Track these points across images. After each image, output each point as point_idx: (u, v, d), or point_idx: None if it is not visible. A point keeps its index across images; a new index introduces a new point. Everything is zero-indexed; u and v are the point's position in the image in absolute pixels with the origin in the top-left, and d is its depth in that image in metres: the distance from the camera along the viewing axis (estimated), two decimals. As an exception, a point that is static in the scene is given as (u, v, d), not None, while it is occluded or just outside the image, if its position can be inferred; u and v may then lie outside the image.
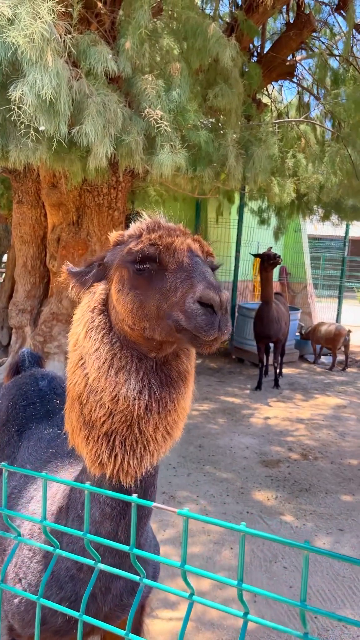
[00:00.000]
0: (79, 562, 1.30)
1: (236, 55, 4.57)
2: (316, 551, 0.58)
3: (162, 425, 1.23)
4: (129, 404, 1.20)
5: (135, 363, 1.24)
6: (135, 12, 4.08)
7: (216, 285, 1.12)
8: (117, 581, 1.37)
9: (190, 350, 1.32)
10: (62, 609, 0.75)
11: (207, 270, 1.19)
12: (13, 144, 3.78)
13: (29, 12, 3.23)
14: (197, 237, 1.33)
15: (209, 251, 1.31)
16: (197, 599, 0.68)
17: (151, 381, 1.23)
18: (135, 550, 0.68)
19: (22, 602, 1.42)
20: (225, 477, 4.63)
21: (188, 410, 1.32)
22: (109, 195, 6.12)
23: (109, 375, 1.23)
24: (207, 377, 8.32)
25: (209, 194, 6.83)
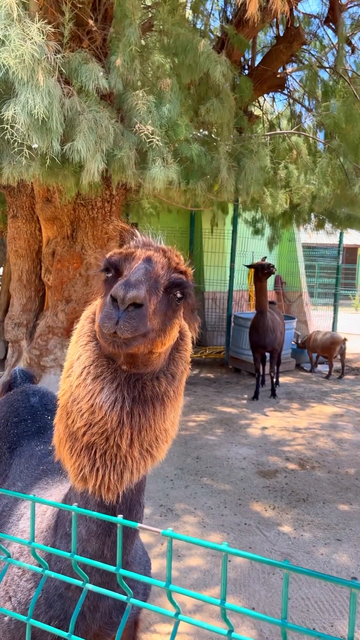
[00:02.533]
0: None
1: (227, 71, 4.63)
2: (296, 570, 0.59)
3: (137, 441, 1.22)
4: (103, 414, 1.20)
5: (111, 373, 1.24)
6: (125, 30, 4.15)
7: (132, 283, 1.11)
8: (106, 600, 1.37)
9: (176, 376, 1.31)
10: (51, 629, 0.76)
11: (147, 273, 1.18)
12: (6, 161, 3.82)
13: (18, 33, 3.28)
14: (171, 253, 1.32)
15: (178, 268, 1.29)
16: (182, 617, 0.69)
17: (124, 394, 1.22)
18: (121, 571, 0.70)
19: (12, 621, 1.42)
20: (223, 489, 4.63)
21: (172, 433, 1.31)
22: (103, 208, 6.16)
23: (87, 382, 1.23)
24: (204, 387, 8.33)
25: (202, 206, 6.89)
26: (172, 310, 1.26)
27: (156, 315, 1.19)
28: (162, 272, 1.25)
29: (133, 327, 1.10)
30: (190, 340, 1.41)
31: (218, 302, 11.39)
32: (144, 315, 1.12)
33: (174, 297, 1.26)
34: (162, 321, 1.22)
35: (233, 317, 10.06)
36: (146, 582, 1.74)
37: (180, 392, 1.33)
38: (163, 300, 1.23)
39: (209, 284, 11.49)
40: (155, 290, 1.20)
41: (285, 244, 13.25)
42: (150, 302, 1.15)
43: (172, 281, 1.25)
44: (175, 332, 1.30)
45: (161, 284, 1.22)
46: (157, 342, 1.22)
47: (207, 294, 11.53)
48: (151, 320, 1.16)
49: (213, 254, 11.41)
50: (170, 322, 1.26)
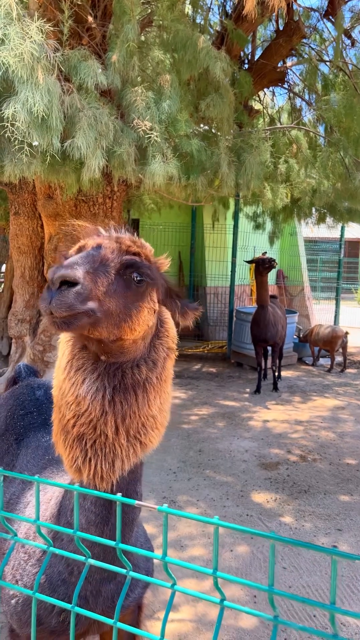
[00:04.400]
0: (70, 566, 1.37)
1: (226, 66, 4.66)
2: (281, 539, 0.64)
3: (122, 428, 1.26)
4: (87, 404, 1.24)
5: (92, 364, 1.28)
6: (123, 27, 4.17)
7: (64, 265, 1.15)
8: (108, 584, 1.41)
9: (157, 362, 1.33)
10: (55, 602, 0.81)
11: (89, 257, 1.22)
12: (8, 159, 3.86)
13: (18, 32, 3.32)
14: (126, 239, 1.34)
15: (130, 250, 1.31)
16: (178, 588, 0.74)
17: (105, 383, 1.26)
18: (120, 545, 0.75)
19: (18, 603, 1.48)
20: (225, 481, 4.69)
21: (161, 419, 1.34)
22: (104, 204, 6.19)
23: (70, 375, 1.29)
24: (206, 381, 8.38)
25: (203, 201, 6.92)
26: (134, 293, 1.28)
27: (110, 297, 1.21)
28: (112, 255, 1.27)
29: (66, 304, 1.12)
30: (171, 326, 1.42)
31: (220, 296, 11.43)
32: (78, 293, 1.13)
33: (130, 279, 1.27)
34: (122, 304, 1.24)
35: (235, 311, 10.10)
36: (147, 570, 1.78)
37: (165, 379, 1.35)
38: (118, 282, 1.24)
39: (211, 279, 11.53)
40: (104, 273, 1.22)
41: (286, 238, 13.27)
42: (96, 283, 1.18)
43: (124, 263, 1.27)
44: (146, 317, 1.31)
45: (111, 266, 1.24)
46: (123, 327, 1.24)
47: (208, 288, 11.57)
48: (100, 301, 1.18)
49: (214, 249, 11.44)
50: (135, 306, 1.27)
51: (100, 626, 1.58)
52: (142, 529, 1.77)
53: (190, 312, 1.48)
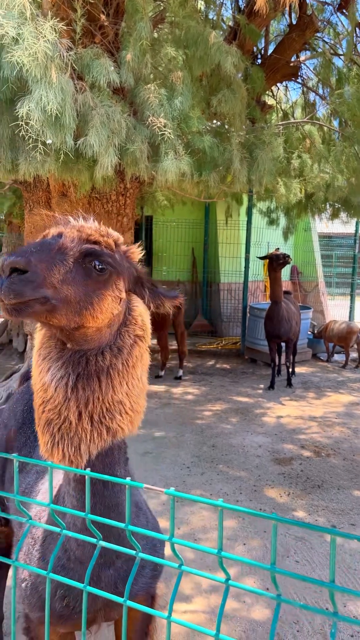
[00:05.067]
0: (68, 552, 1.40)
1: (238, 62, 4.66)
2: (282, 520, 0.67)
3: (85, 414, 1.27)
4: (52, 391, 1.28)
5: (57, 352, 1.32)
6: (136, 24, 4.20)
7: (17, 252, 1.17)
8: (107, 570, 1.43)
9: (123, 349, 1.35)
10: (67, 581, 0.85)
11: (44, 245, 1.24)
12: (22, 158, 3.92)
13: (31, 32, 3.36)
14: (88, 229, 1.35)
15: (91, 239, 1.32)
16: (185, 568, 0.77)
17: (69, 371, 1.28)
18: (130, 527, 0.78)
19: (27, 587, 1.52)
20: (239, 476, 4.71)
21: (131, 404, 1.35)
22: (117, 202, 6.24)
23: (38, 363, 1.33)
24: (220, 377, 8.40)
25: (215, 197, 6.93)
26: (95, 281, 1.29)
27: (68, 285, 1.22)
28: (71, 244, 1.28)
29: (14, 291, 1.13)
30: (140, 313, 1.42)
31: (233, 293, 11.42)
32: (28, 280, 1.14)
33: (91, 267, 1.28)
34: (83, 292, 1.25)
35: (248, 307, 10.10)
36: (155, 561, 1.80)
37: (133, 365, 1.36)
38: (77, 270, 1.25)
39: (224, 275, 11.52)
40: (61, 261, 1.23)
41: (300, 234, 13.20)
42: (51, 270, 1.19)
43: (83, 251, 1.28)
44: (109, 305, 1.31)
45: (69, 255, 1.25)
46: (85, 315, 1.25)
47: (222, 285, 11.57)
48: (57, 289, 1.20)
49: (228, 245, 11.43)
50: (97, 294, 1.28)
51: (107, 614, 1.60)
52: (152, 524, 1.76)
53: (167, 300, 1.48)
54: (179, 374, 8.28)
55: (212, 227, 11.97)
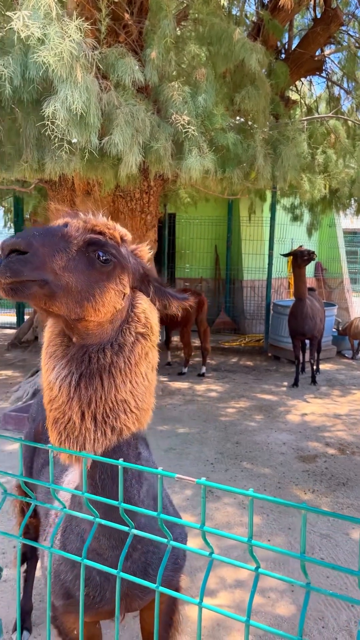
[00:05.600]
0: (92, 543, 1.42)
1: (262, 58, 4.64)
2: (312, 510, 0.68)
3: (88, 413, 1.26)
4: (57, 390, 1.27)
5: (63, 350, 1.31)
6: (160, 22, 4.22)
7: (19, 234, 1.17)
8: (125, 562, 1.42)
9: (124, 346, 1.32)
10: (99, 567, 0.88)
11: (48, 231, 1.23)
12: (48, 157, 3.98)
13: (57, 32, 3.40)
14: (91, 219, 1.34)
15: (96, 229, 1.31)
16: (216, 556, 0.79)
17: (72, 369, 1.28)
18: (162, 515, 0.80)
19: (45, 576, 1.57)
20: (263, 473, 4.71)
21: (136, 403, 1.32)
22: (141, 200, 6.28)
23: (45, 361, 1.33)
24: (243, 375, 8.39)
25: (239, 194, 6.92)
26: (99, 272, 1.27)
27: (70, 272, 1.21)
28: (76, 233, 1.27)
29: (12, 270, 1.12)
30: (143, 311, 1.39)
31: (257, 290, 11.38)
32: (27, 261, 1.13)
33: (94, 257, 1.27)
34: (85, 282, 1.24)
35: (272, 304, 10.05)
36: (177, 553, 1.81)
37: (137, 363, 1.32)
38: (80, 259, 1.24)
39: (248, 272, 11.49)
40: (64, 248, 1.22)
41: (325, 230, 13.08)
42: (53, 256, 1.18)
43: (86, 240, 1.27)
44: (112, 298, 1.30)
45: (73, 243, 1.25)
46: (86, 307, 1.24)
47: (245, 282, 11.54)
48: (57, 274, 1.19)
49: (251, 242, 11.39)
50: (99, 286, 1.27)
51: (128, 604, 1.61)
52: (173, 510, 1.77)
53: (175, 301, 1.46)
54: (202, 371, 8.30)
55: (235, 224, 11.94)
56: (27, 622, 2.73)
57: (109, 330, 1.33)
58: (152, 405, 1.40)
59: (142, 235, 6.46)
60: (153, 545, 1.55)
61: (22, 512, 2.61)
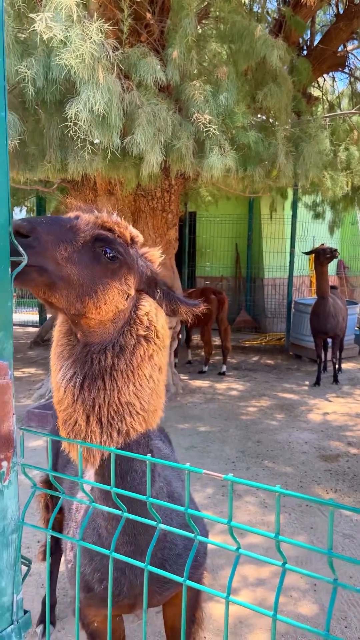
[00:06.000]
0: (102, 538, 1.43)
1: (284, 54, 4.62)
2: (341, 507, 0.69)
3: (93, 416, 1.26)
4: (63, 391, 1.27)
5: (69, 350, 1.31)
6: (182, 21, 4.23)
7: (25, 218, 1.14)
8: (139, 557, 1.41)
9: (125, 348, 1.30)
10: (123, 558, 0.90)
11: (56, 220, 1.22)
12: (71, 157, 4.03)
13: (78, 34, 3.44)
14: (103, 215, 1.33)
15: (105, 225, 1.30)
16: (243, 551, 0.80)
17: (77, 370, 1.27)
18: (189, 511, 0.82)
19: (72, 568, 1.59)
20: (284, 472, 4.69)
21: (142, 404, 1.31)
22: (162, 198, 6.30)
23: (53, 361, 1.32)
24: (264, 373, 8.36)
25: (260, 192, 6.89)
26: (104, 269, 1.26)
27: (73, 265, 1.19)
28: (85, 227, 1.26)
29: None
30: (146, 313, 1.36)
31: (278, 288, 11.32)
32: (28, 245, 1.10)
33: (100, 253, 1.25)
34: (87, 276, 1.22)
35: (293, 303, 9.99)
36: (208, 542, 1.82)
37: (139, 365, 1.30)
38: (85, 253, 1.22)
39: (269, 270, 11.44)
40: (71, 240, 1.21)
41: (347, 228, 12.95)
42: (57, 245, 1.17)
43: (94, 235, 1.25)
44: (115, 297, 1.28)
45: (80, 236, 1.23)
46: (87, 303, 1.22)
47: (266, 280, 11.48)
48: (59, 265, 1.17)
49: (272, 240, 11.33)
50: (102, 282, 1.25)
51: (148, 601, 1.62)
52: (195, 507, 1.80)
53: (183, 306, 1.43)
54: (222, 370, 8.29)
55: (256, 222, 11.89)
56: (52, 616, 2.78)
57: (111, 330, 1.31)
58: (161, 405, 1.39)
59: (163, 234, 6.49)
60: (169, 541, 1.55)
61: (47, 507, 2.66)
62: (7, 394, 0.98)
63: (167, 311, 1.42)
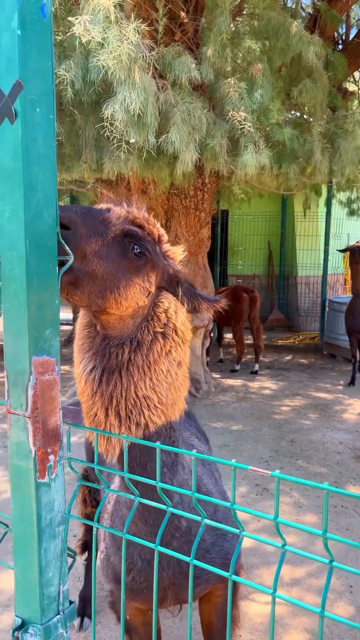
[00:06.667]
0: (131, 529, 1.44)
1: (320, 50, 4.56)
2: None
3: (112, 409, 1.27)
4: (84, 384, 1.29)
5: (89, 343, 1.32)
6: (216, 19, 4.22)
7: (63, 207, 1.11)
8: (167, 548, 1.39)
9: (142, 343, 1.31)
10: (172, 552, 0.91)
11: (91, 211, 1.22)
12: (106, 157, 4.07)
13: (115, 35, 3.47)
14: (134, 210, 1.32)
15: (136, 221, 1.30)
16: (289, 548, 0.80)
17: (97, 363, 1.28)
18: (235, 506, 0.82)
19: (103, 559, 1.63)
20: (319, 472, 4.64)
21: (159, 398, 1.31)
22: (195, 197, 6.31)
23: (75, 354, 1.35)
24: (297, 372, 8.28)
25: (295, 189, 6.82)
26: (129, 264, 1.25)
27: (100, 259, 1.18)
28: (117, 221, 1.25)
29: None
30: (165, 310, 1.35)
31: (312, 286, 11.18)
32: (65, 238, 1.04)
33: (128, 247, 1.25)
34: (112, 271, 1.21)
35: (328, 301, 9.85)
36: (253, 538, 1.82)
37: (156, 361, 1.31)
38: (113, 247, 1.22)
39: (302, 268, 11.31)
40: (102, 232, 1.20)
41: (383, 224, 12.67)
42: (88, 238, 1.16)
43: (125, 230, 1.25)
44: (136, 294, 1.28)
45: (111, 230, 1.22)
46: (108, 298, 1.22)
47: (299, 278, 11.36)
48: (87, 259, 1.16)
49: (306, 237, 11.20)
50: (126, 278, 1.24)
51: (177, 594, 1.61)
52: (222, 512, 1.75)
53: (204, 302, 1.43)
54: (255, 369, 8.25)
55: (289, 219, 11.77)
56: (88, 609, 2.83)
57: (130, 325, 1.32)
58: (181, 398, 1.39)
59: (195, 233, 6.49)
60: (194, 535, 1.53)
61: (84, 501, 2.71)
62: (54, 390, 1.00)
63: (189, 308, 1.43)
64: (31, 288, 0.91)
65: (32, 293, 0.91)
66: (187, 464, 1.53)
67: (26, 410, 0.94)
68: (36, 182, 0.90)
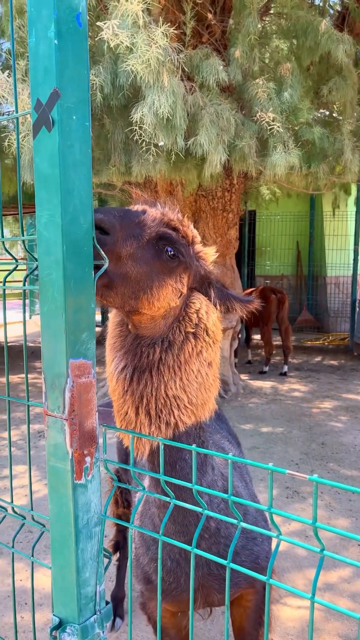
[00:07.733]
0: (156, 525, 1.46)
1: (349, 48, 4.50)
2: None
3: (142, 408, 1.28)
4: (115, 382, 1.30)
5: (121, 342, 1.33)
6: (244, 20, 4.21)
7: (102, 210, 1.12)
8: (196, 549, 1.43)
9: (174, 344, 1.31)
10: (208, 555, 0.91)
11: (127, 213, 1.21)
12: (135, 160, 4.10)
13: (144, 39, 3.49)
14: (168, 212, 1.32)
15: (171, 224, 1.30)
16: (327, 553, 0.80)
17: (128, 361, 1.29)
18: (273, 510, 0.82)
19: (133, 559, 1.63)
20: (350, 475, 4.57)
21: (189, 398, 1.31)
22: (223, 198, 6.30)
23: (107, 352, 1.35)
24: (327, 374, 8.17)
25: (324, 189, 6.74)
26: (162, 265, 1.25)
27: (134, 261, 1.19)
28: (152, 223, 1.25)
29: None
30: (196, 311, 1.35)
31: (341, 286, 11.02)
32: (103, 242, 1.07)
33: (162, 250, 1.25)
34: (145, 273, 1.21)
35: (358, 302, 9.70)
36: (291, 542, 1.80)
37: (187, 361, 1.30)
38: (148, 249, 1.22)
39: (331, 268, 11.16)
40: (138, 235, 1.20)
41: None
42: (125, 241, 1.16)
43: (160, 232, 1.25)
44: (169, 295, 1.28)
45: (146, 232, 1.23)
46: (141, 299, 1.22)
47: (329, 278, 11.21)
48: (121, 262, 1.17)
49: (335, 237, 11.05)
50: (159, 280, 1.25)
51: (206, 596, 1.60)
52: (252, 515, 1.74)
53: (237, 303, 1.42)
54: (284, 370, 8.18)
55: (318, 219, 11.63)
56: (120, 609, 2.85)
57: (162, 325, 1.32)
58: (212, 399, 1.39)
59: (223, 234, 6.48)
60: (222, 536, 1.53)
61: (116, 502, 2.73)
62: (91, 392, 1.02)
63: (221, 309, 1.42)
64: (68, 292, 0.93)
65: (69, 297, 0.93)
66: (216, 465, 1.52)
67: (63, 413, 0.96)
68: (72, 188, 0.92)
